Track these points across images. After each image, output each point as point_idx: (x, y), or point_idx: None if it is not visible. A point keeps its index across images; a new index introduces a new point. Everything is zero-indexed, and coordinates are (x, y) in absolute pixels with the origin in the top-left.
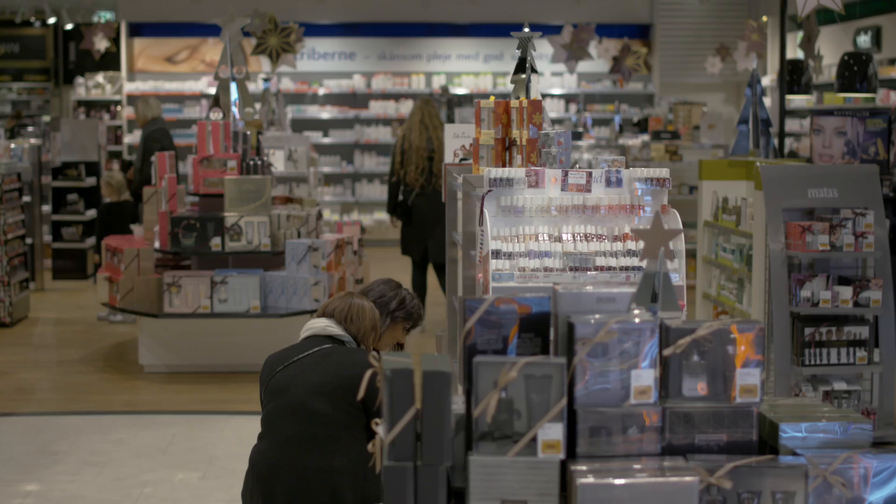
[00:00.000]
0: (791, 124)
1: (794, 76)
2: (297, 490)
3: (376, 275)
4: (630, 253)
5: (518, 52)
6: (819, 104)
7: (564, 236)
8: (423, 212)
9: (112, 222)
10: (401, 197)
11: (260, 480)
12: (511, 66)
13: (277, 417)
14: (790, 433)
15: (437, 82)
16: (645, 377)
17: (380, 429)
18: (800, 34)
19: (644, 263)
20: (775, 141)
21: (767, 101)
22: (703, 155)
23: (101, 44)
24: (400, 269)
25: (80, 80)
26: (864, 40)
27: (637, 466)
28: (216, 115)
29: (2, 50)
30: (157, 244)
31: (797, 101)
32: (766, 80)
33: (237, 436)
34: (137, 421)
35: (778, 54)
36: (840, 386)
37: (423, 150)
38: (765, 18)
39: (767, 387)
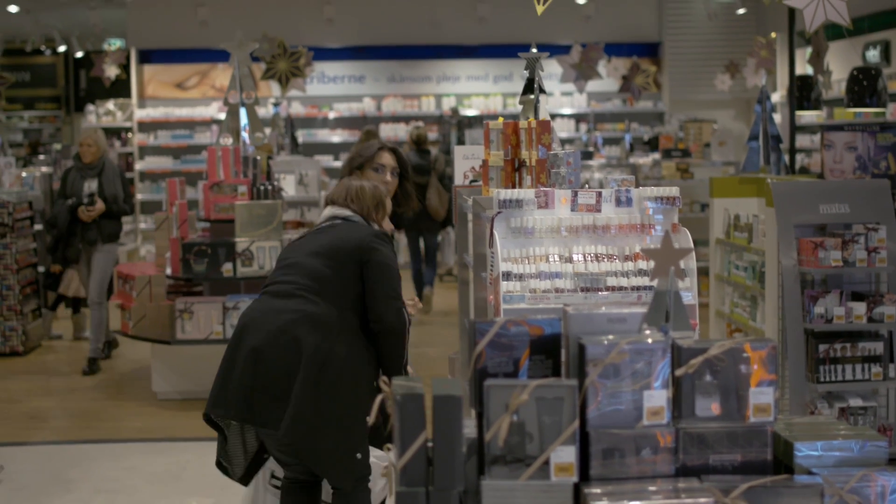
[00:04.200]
0: (801, 140)
1: (803, 92)
2: (267, 329)
3: None
4: (641, 272)
5: (526, 73)
6: (829, 119)
7: (575, 257)
8: None
9: None
10: None
11: (240, 331)
12: (520, 87)
13: (273, 280)
14: (805, 452)
15: (447, 104)
16: (657, 398)
17: (391, 454)
18: (808, 50)
19: (655, 283)
20: (786, 157)
21: (777, 117)
22: (714, 172)
23: (112, 71)
24: (409, 292)
25: (90, 107)
26: (873, 55)
27: (651, 488)
28: (226, 140)
29: (13, 78)
30: (168, 270)
31: (807, 116)
32: (776, 97)
33: None
34: (150, 448)
35: (787, 70)
36: (856, 402)
37: None
38: (773, 35)
39: (782, 405)
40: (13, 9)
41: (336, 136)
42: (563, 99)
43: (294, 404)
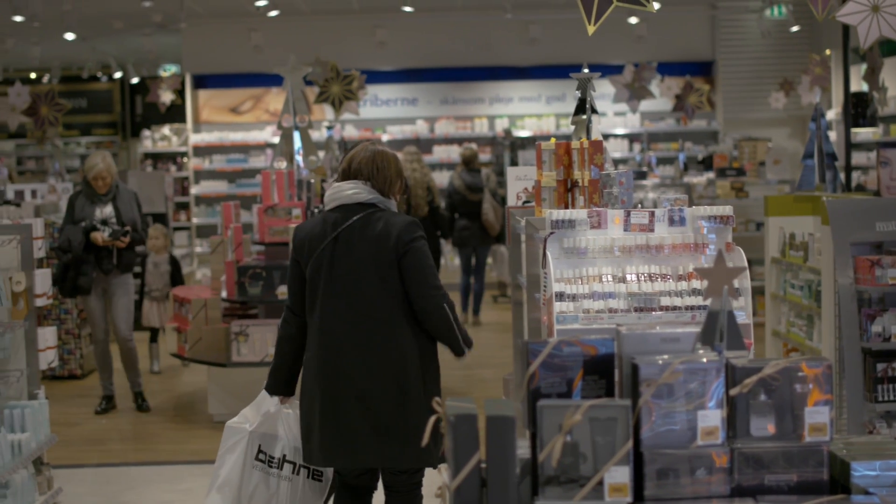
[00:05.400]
0: (857, 157)
1: (859, 109)
2: (370, 367)
3: None
4: (695, 292)
5: (578, 93)
6: (885, 136)
7: (628, 277)
8: None
9: None
10: None
11: (326, 364)
12: (573, 107)
13: (331, 296)
14: (862, 472)
15: (500, 125)
16: (712, 417)
17: (444, 475)
18: (863, 66)
19: (709, 302)
20: (842, 175)
21: (833, 134)
22: (769, 191)
23: (167, 96)
24: (457, 306)
25: (146, 132)
26: None
27: None
28: (280, 163)
29: (70, 105)
30: (224, 294)
31: (863, 133)
32: (831, 114)
33: None
34: (207, 470)
35: (842, 87)
36: None
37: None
38: (828, 52)
39: (840, 424)
40: (70, 36)
41: None
42: (616, 119)
43: (415, 431)
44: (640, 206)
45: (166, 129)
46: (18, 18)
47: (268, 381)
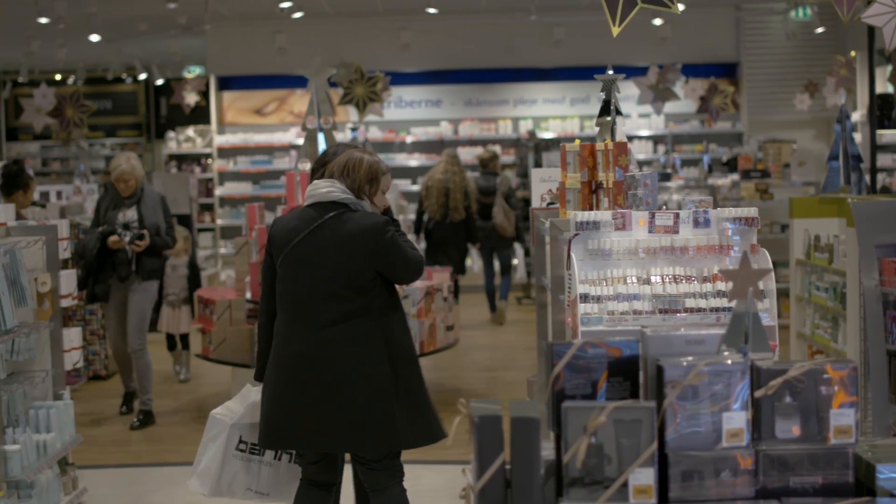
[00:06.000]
0: (883, 159)
1: (884, 110)
2: (336, 359)
3: (466, 319)
4: (720, 294)
5: (602, 95)
6: None
7: (653, 278)
8: (438, 236)
9: None
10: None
11: (294, 365)
12: (597, 109)
13: (299, 298)
14: (887, 474)
15: (524, 127)
16: (737, 419)
17: (469, 476)
18: (889, 68)
19: (734, 304)
20: (867, 177)
21: (858, 136)
22: (794, 193)
23: (191, 98)
24: (483, 306)
25: (171, 134)
26: None
27: None
28: (305, 165)
29: (95, 107)
30: (248, 295)
31: (888, 135)
32: (857, 116)
33: None
34: None
35: (867, 89)
36: None
37: (442, 189)
38: (853, 53)
39: (865, 427)
40: (95, 38)
41: (414, 161)
42: (640, 120)
43: (384, 418)
44: (664, 207)
45: (191, 131)
46: (44, 20)
47: (256, 366)
